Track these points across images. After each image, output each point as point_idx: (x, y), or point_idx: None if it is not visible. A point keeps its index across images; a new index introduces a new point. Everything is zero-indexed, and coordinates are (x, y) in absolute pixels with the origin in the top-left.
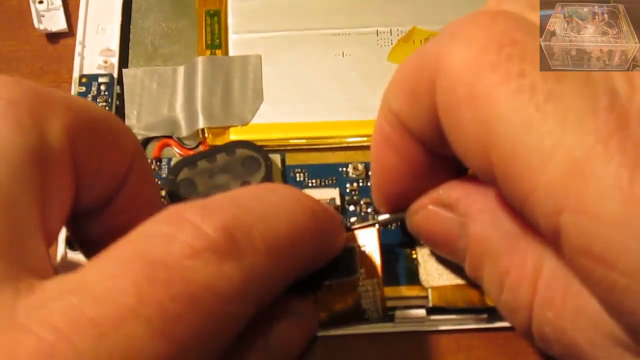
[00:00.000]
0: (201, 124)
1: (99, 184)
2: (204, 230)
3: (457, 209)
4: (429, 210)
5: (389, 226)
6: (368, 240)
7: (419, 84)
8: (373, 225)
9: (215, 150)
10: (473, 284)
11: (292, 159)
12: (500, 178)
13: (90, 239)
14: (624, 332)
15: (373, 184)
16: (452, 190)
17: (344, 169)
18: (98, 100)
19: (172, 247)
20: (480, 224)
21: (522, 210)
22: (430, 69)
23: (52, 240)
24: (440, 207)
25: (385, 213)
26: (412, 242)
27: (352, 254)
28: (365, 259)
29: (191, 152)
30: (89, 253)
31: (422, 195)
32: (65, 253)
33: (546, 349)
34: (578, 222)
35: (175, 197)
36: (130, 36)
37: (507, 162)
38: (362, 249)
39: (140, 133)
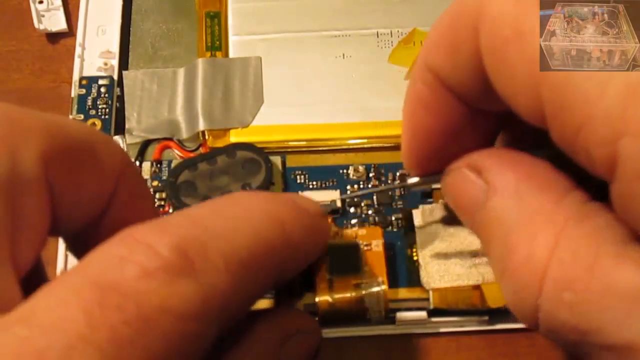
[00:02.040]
0: (201, 126)
1: (81, 207)
2: (156, 249)
3: (485, 176)
4: (462, 172)
5: (391, 228)
6: (373, 241)
7: (459, 34)
8: (373, 192)
9: (215, 152)
10: (474, 285)
11: (292, 161)
12: (551, 113)
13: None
14: None
15: (404, 149)
16: (487, 158)
17: (345, 170)
18: (98, 102)
19: (123, 269)
20: (501, 196)
21: (573, 145)
22: (471, 16)
23: (25, 268)
24: (473, 171)
25: (415, 176)
26: (413, 243)
27: (356, 251)
28: (369, 257)
29: (191, 154)
30: None
31: (458, 158)
32: (66, 255)
33: (554, 338)
34: (639, 146)
35: (175, 199)
36: (130, 38)
37: (559, 94)
38: (367, 246)
39: (140, 135)
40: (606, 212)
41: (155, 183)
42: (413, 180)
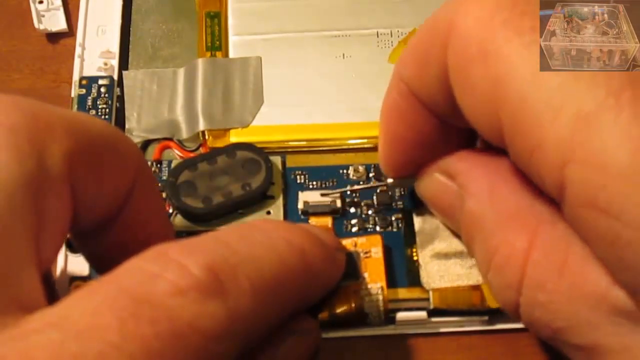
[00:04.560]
0: (201, 126)
1: (99, 205)
2: (189, 269)
3: (458, 180)
4: (434, 178)
5: (391, 228)
6: (372, 248)
7: (430, 49)
8: (376, 187)
9: (215, 152)
10: (474, 285)
11: (292, 161)
12: (508, 134)
13: (97, 253)
14: (627, 296)
15: (380, 153)
16: (458, 162)
17: (345, 171)
18: (98, 102)
19: (157, 285)
20: (476, 200)
21: (527, 167)
22: (442, 33)
23: (46, 266)
24: (445, 176)
25: (391, 178)
26: (413, 243)
27: (355, 259)
28: (369, 263)
29: (191, 155)
30: (96, 265)
31: (431, 163)
32: (66, 255)
33: (534, 331)
34: (584, 174)
35: (175, 199)
36: (130, 38)
37: (515, 117)
38: (366, 254)
39: (140, 135)
40: None
41: (159, 192)
42: (391, 181)
